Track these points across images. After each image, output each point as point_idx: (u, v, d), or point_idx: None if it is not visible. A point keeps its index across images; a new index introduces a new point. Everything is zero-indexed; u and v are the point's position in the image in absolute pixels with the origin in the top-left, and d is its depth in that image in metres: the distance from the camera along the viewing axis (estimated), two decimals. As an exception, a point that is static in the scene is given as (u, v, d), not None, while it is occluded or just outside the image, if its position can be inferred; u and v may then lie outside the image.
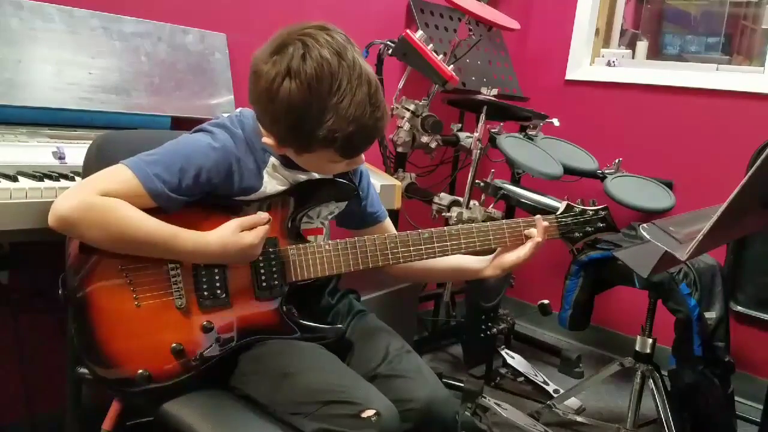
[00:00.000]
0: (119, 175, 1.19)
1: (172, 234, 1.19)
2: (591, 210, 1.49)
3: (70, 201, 1.15)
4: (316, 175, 1.35)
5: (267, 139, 1.25)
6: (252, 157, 1.29)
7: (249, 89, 1.22)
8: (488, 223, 1.40)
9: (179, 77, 2.00)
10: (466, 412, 2.22)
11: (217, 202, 1.27)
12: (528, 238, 1.41)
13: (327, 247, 1.31)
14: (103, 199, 1.15)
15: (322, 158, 1.24)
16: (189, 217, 1.23)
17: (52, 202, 1.17)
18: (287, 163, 1.31)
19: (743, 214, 1.19)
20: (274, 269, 1.28)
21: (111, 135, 1.40)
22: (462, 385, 2.30)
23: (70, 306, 1.22)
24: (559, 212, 1.48)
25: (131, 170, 1.18)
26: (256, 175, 1.29)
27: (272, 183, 1.30)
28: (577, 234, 1.47)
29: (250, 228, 1.23)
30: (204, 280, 1.24)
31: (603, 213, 1.50)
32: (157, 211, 1.20)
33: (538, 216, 1.43)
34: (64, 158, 1.51)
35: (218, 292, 1.25)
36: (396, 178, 2.32)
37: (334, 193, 1.36)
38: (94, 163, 1.31)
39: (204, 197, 1.26)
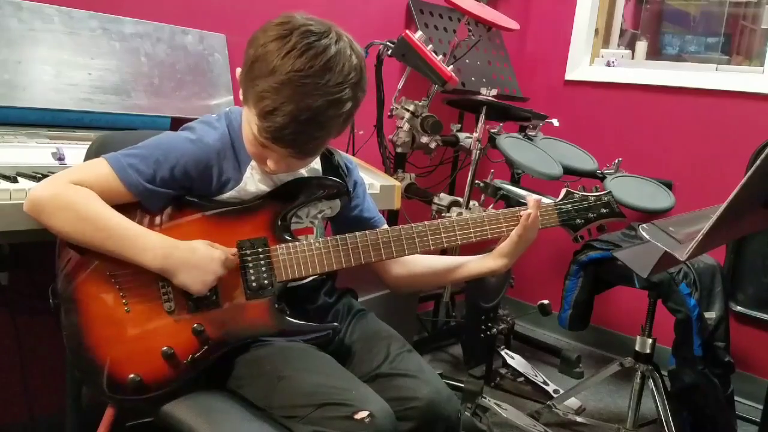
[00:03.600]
0: (96, 166, 1.21)
1: (135, 229, 1.19)
2: (592, 196, 1.44)
3: (43, 187, 1.18)
4: (304, 173, 1.35)
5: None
6: (233, 151, 1.29)
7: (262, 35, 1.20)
8: (483, 214, 1.38)
9: (179, 78, 2.00)
10: (466, 413, 2.22)
11: (202, 209, 1.27)
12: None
13: (317, 244, 1.30)
14: (75, 187, 1.17)
15: (249, 120, 1.21)
16: (172, 222, 1.24)
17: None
18: None
19: (743, 214, 1.19)
20: (263, 269, 1.28)
21: (110, 136, 1.40)
22: (462, 385, 2.29)
23: (61, 314, 1.22)
24: (558, 199, 1.44)
25: (108, 162, 1.20)
26: (236, 168, 1.29)
27: (254, 180, 1.30)
28: (578, 221, 1.43)
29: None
30: None
31: (606, 198, 1.45)
32: (137, 206, 1.22)
33: (529, 195, 1.41)
34: (63, 159, 1.51)
35: (208, 294, 1.24)
36: (395, 179, 2.32)
37: (322, 190, 1.34)
38: (94, 163, 1.31)
39: (184, 195, 1.26)
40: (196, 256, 1.20)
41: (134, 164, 1.20)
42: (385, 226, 1.51)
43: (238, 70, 1.23)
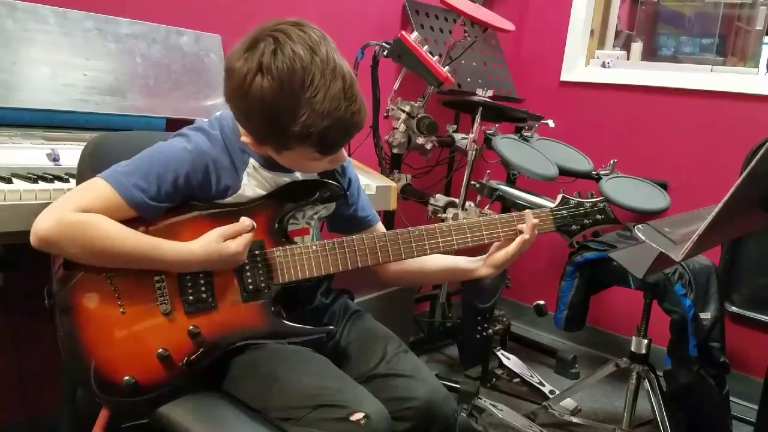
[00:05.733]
0: (96, 188, 1.19)
1: (152, 246, 1.19)
2: (588, 202, 1.46)
3: (47, 220, 1.14)
4: (299, 176, 1.35)
5: (245, 138, 1.25)
6: (229, 157, 1.28)
7: (224, 86, 1.22)
8: (480, 219, 1.39)
9: (174, 79, 2.00)
10: (462, 413, 2.22)
11: (198, 210, 1.26)
12: (522, 233, 1.39)
13: (314, 247, 1.30)
14: (81, 215, 1.15)
15: (301, 155, 1.23)
16: (171, 226, 1.24)
17: (47, 204, 1.18)
18: (269, 165, 1.30)
19: (738, 215, 1.19)
20: (260, 271, 1.28)
21: (106, 137, 1.40)
22: (458, 386, 2.30)
23: (57, 315, 1.22)
24: (554, 205, 1.45)
25: (108, 183, 1.18)
26: (233, 175, 1.28)
27: (251, 185, 1.29)
28: (574, 227, 1.44)
29: (234, 236, 1.22)
30: (189, 284, 1.24)
31: (602, 205, 1.47)
32: (138, 219, 1.21)
33: (527, 211, 1.41)
34: (58, 160, 1.50)
35: (204, 296, 1.24)
36: (391, 180, 2.32)
37: (319, 194, 1.34)
38: (89, 164, 1.31)
39: (184, 202, 1.25)
40: (213, 260, 1.21)
41: (137, 183, 1.19)
42: (380, 223, 1.51)
43: (245, 139, 1.24)
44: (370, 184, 1.95)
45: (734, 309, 2.67)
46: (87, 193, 1.19)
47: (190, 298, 1.24)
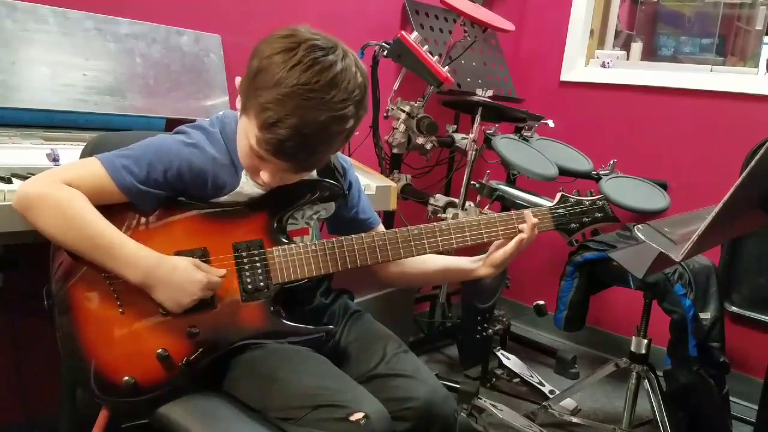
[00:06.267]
0: (89, 166, 1.20)
1: (120, 241, 1.18)
2: (587, 200, 1.46)
3: (34, 183, 1.17)
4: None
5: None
6: (228, 155, 1.28)
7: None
8: (479, 218, 1.38)
9: (174, 78, 2.00)
10: (462, 413, 2.22)
11: (197, 209, 1.26)
12: (521, 232, 1.39)
13: (313, 247, 1.30)
14: (66, 187, 1.16)
15: (247, 131, 1.18)
16: (166, 222, 1.24)
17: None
18: None
19: (738, 215, 1.19)
20: (259, 271, 1.27)
21: (105, 137, 1.40)
22: (458, 386, 2.30)
23: (55, 316, 1.22)
24: (553, 203, 1.45)
25: (100, 162, 1.20)
26: (232, 173, 1.28)
27: (250, 183, 1.29)
28: (573, 225, 1.44)
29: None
30: None
31: (601, 203, 1.47)
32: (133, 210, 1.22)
33: (527, 210, 1.41)
34: (58, 160, 1.50)
35: None
36: (391, 180, 2.32)
37: (319, 193, 1.34)
38: (89, 164, 1.31)
39: (181, 201, 1.25)
40: (175, 276, 1.19)
41: (127, 165, 1.20)
42: (381, 225, 1.51)
43: (238, 79, 1.22)
44: (370, 184, 1.95)
45: (734, 309, 2.67)
46: (80, 168, 1.21)
47: None
